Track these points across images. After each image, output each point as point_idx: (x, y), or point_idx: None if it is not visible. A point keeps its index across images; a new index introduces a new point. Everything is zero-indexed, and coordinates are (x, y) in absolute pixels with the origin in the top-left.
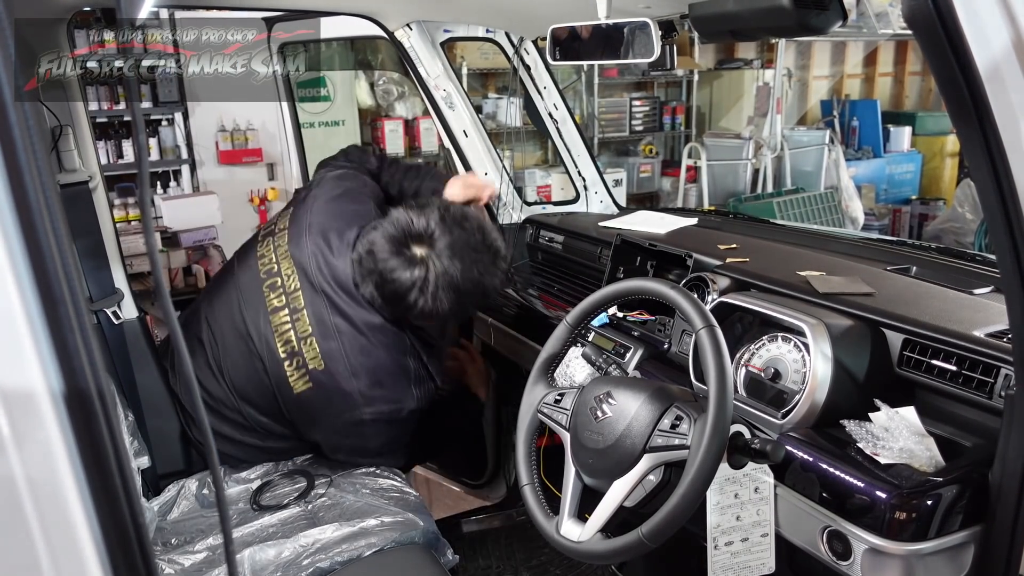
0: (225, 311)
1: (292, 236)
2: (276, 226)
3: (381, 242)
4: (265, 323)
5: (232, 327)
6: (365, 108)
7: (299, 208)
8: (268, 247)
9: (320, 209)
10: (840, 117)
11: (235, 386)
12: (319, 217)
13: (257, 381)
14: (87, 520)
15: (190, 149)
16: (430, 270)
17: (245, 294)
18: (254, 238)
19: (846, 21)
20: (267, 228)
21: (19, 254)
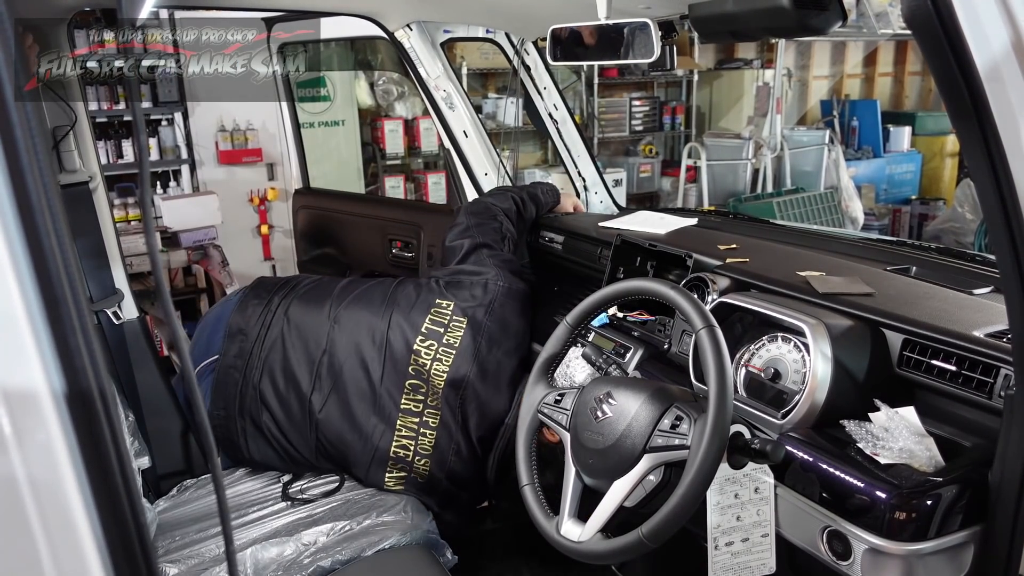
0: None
1: (455, 371)
2: (447, 333)
3: None
4: (394, 411)
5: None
6: (365, 108)
7: (470, 330)
8: (431, 346)
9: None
10: (840, 117)
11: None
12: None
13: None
14: (88, 520)
15: (190, 149)
16: None
17: (393, 356)
18: (415, 321)
19: (846, 21)
20: (436, 321)
21: (21, 254)
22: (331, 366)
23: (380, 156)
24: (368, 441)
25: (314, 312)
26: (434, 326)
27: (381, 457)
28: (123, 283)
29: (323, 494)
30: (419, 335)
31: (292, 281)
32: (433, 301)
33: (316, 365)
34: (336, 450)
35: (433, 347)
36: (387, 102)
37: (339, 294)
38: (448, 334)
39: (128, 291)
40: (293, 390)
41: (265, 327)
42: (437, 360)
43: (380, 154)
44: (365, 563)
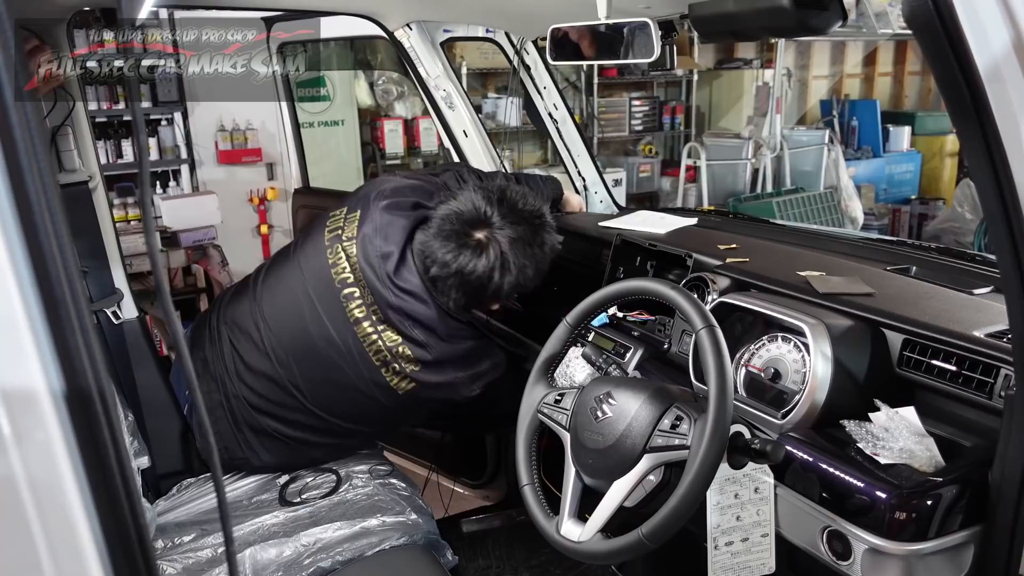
0: (294, 316)
1: (359, 247)
2: (343, 232)
3: (437, 245)
4: (351, 335)
5: (304, 334)
6: (364, 108)
7: (364, 212)
8: (339, 254)
9: (376, 217)
10: (840, 117)
11: (307, 391)
12: (371, 227)
13: (342, 386)
14: (88, 520)
15: (189, 149)
16: (502, 247)
17: (322, 303)
18: (318, 241)
19: (846, 21)
20: (332, 231)
21: (20, 254)
22: (279, 339)
23: (380, 156)
24: (353, 367)
25: (243, 303)
26: (332, 233)
27: (369, 368)
28: (123, 283)
29: (321, 495)
30: (326, 249)
31: (219, 297)
32: (326, 217)
33: (266, 349)
34: (341, 406)
35: (338, 249)
36: (387, 102)
37: (256, 274)
38: (346, 231)
39: (128, 291)
40: (268, 382)
41: (212, 343)
42: (346, 256)
43: (380, 154)
44: (365, 563)
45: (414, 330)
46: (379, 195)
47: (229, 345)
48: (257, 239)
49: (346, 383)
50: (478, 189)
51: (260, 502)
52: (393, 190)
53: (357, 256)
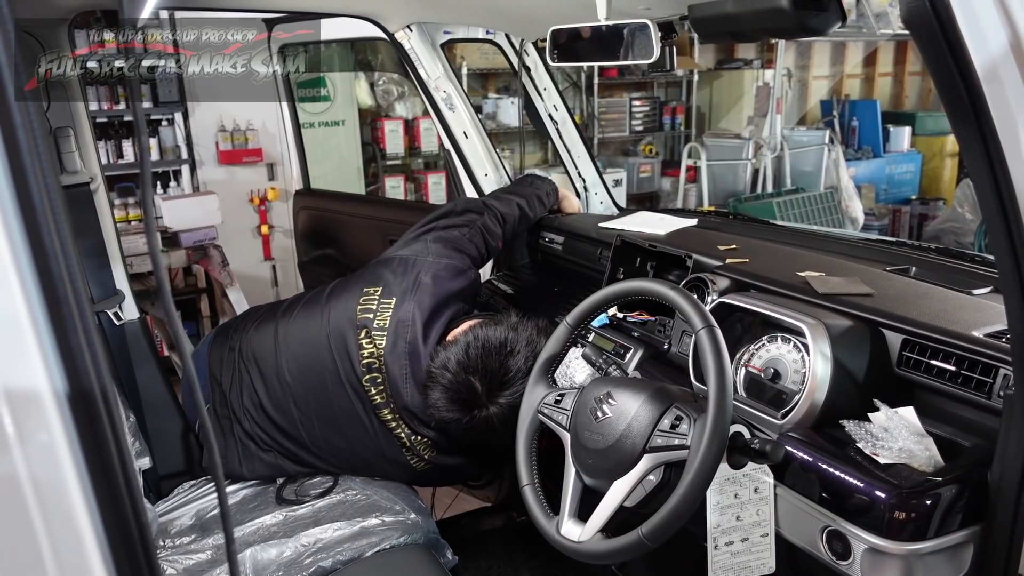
0: (317, 381)
1: (388, 341)
2: (375, 318)
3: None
4: (375, 417)
5: (328, 403)
6: (365, 108)
7: (399, 304)
8: (368, 337)
9: (414, 316)
10: (840, 117)
11: (326, 453)
12: (403, 321)
13: (364, 458)
14: (90, 520)
15: (190, 149)
16: (493, 416)
17: (348, 380)
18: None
19: (845, 22)
20: (364, 311)
21: (23, 255)
22: (303, 399)
23: (380, 156)
24: (376, 444)
25: (267, 342)
26: (363, 314)
27: (391, 447)
28: (124, 284)
29: (317, 495)
30: (357, 329)
31: (246, 317)
32: (359, 289)
33: (283, 396)
34: (361, 470)
35: (366, 333)
36: (387, 102)
37: (283, 314)
38: (378, 317)
39: (129, 292)
40: (285, 437)
41: (234, 372)
42: (374, 345)
43: (380, 154)
44: (365, 563)
45: (424, 430)
46: (416, 287)
47: (250, 385)
48: (257, 239)
49: (368, 456)
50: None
51: (260, 503)
52: (434, 279)
53: (385, 349)
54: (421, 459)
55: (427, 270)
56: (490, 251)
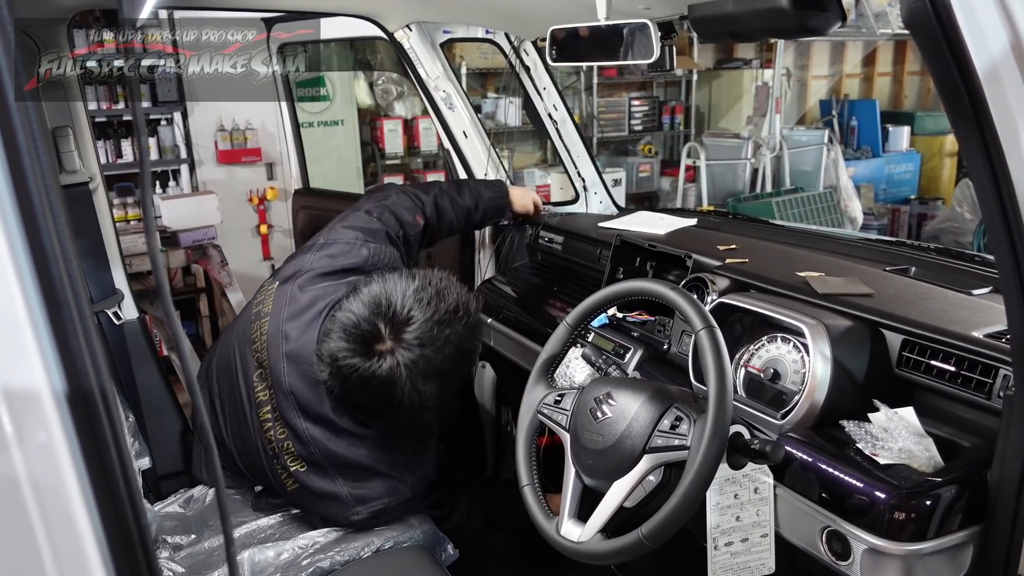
0: (228, 386)
1: (270, 324)
2: (263, 306)
3: (337, 343)
4: (256, 417)
5: (234, 410)
6: (364, 108)
7: (281, 285)
8: (258, 330)
9: (294, 295)
10: (839, 117)
11: (242, 463)
12: (290, 306)
13: (257, 464)
14: (90, 520)
15: (189, 149)
16: (400, 364)
17: (244, 379)
18: (248, 312)
19: (845, 22)
20: (257, 303)
21: (23, 256)
22: (222, 403)
23: (379, 156)
24: (256, 450)
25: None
26: (256, 308)
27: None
28: (123, 283)
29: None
30: (251, 323)
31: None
32: (263, 282)
33: (217, 410)
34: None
35: (257, 326)
36: (386, 102)
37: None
38: (264, 305)
39: (128, 291)
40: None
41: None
42: (260, 332)
43: (379, 154)
44: (364, 563)
45: (301, 421)
46: (297, 274)
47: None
48: (257, 239)
49: (259, 469)
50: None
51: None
52: (320, 258)
53: (266, 336)
54: (289, 475)
55: (316, 251)
56: (405, 224)
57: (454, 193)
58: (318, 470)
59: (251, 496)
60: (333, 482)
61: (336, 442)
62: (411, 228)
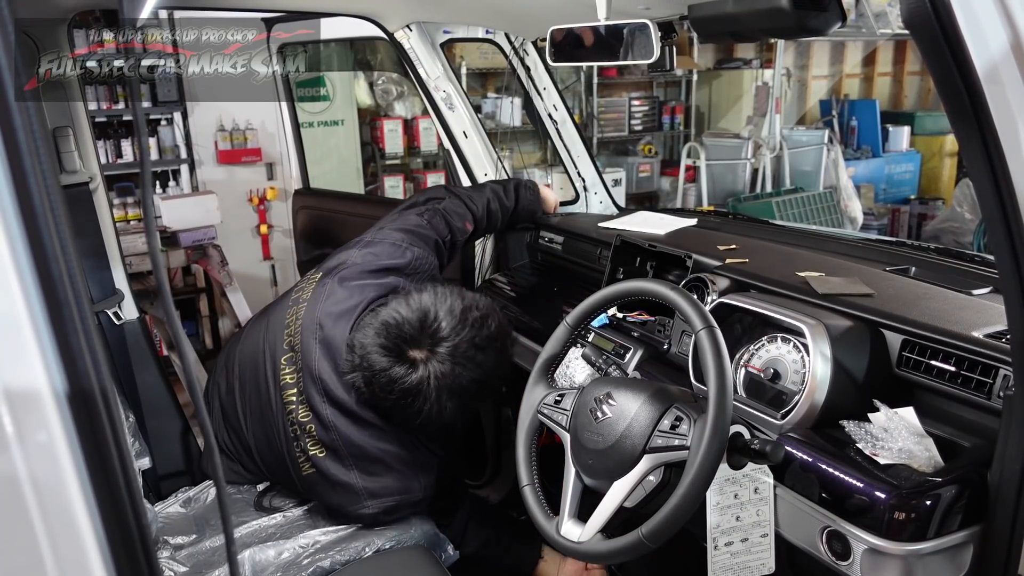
0: (251, 373)
1: (307, 309)
2: (303, 293)
3: (372, 339)
4: (279, 399)
5: (256, 392)
6: (364, 108)
7: (324, 276)
8: (294, 315)
9: (335, 285)
10: (839, 117)
11: (258, 451)
12: (330, 295)
13: (275, 447)
14: (90, 520)
15: (189, 149)
16: (431, 375)
17: (270, 362)
18: (285, 300)
19: (845, 22)
20: (297, 290)
21: (23, 256)
22: (241, 387)
23: (380, 156)
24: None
25: (233, 344)
26: (296, 294)
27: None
28: (123, 283)
29: (294, 504)
30: (287, 309)
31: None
32: (307, 275)
33: (236, 394)
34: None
35: (294, 311)
36: (386, 102)
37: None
38: (304, 291)
39: (128, 291)
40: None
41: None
42: (296, 317)
43: (379, 154)
44: (365, 563)
45: (326, 407)
46: (340, 267)
47: (219, 390)
48: (257, 239)
49: (276, 452)
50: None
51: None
52: (363, 256)
53: (302, 321)
54: (307, 458)
55: (361, 247)
56: (454, 231)
57: (502, 195)
58: (336, 457)
59: (253, 495)
60: (348, 471)
61: (357, 432)
62: (460, 235)
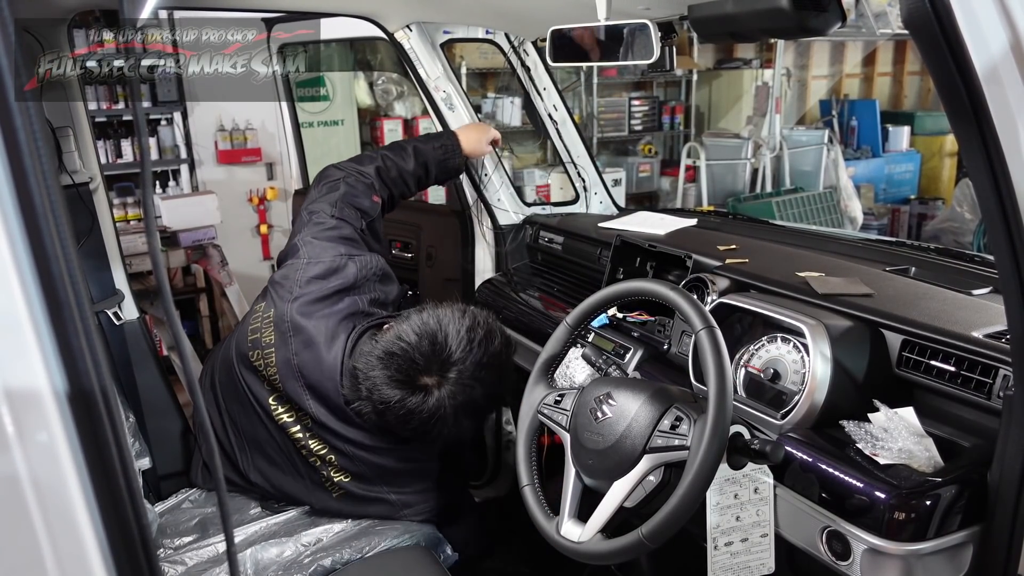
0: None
1: (279, 360)
2: (261, 335)
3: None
4: (285, 436)
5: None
6: (364, 108)
7: (276, 318)
8: (261, 360)
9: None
10: (839, 117)
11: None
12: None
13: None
14: (91, 520)
15: (189, 149)
16: (444, 398)
17: (257, 403)
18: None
19: (845, 22)
20: (253, 331)
21: (23, 256)
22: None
23: None
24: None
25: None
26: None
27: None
28: (123, 284)
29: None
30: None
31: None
32: (253, 306)
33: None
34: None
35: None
36: (386, 102)
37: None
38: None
39: (128, 291)
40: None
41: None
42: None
43: None
44: (366, 563)
45: (338, 441)
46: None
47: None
48: (257, 239)
49: (294, 482)
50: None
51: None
52: (307, 282)
53: (277, 370)
54: (333, 483)
55: (303, 270)
56: (366, 211)
57: (397, 159)
58: (362, 480)
59: (254, 495)
60: (379, 489)
61: (375, 456)
62: (372, 211)
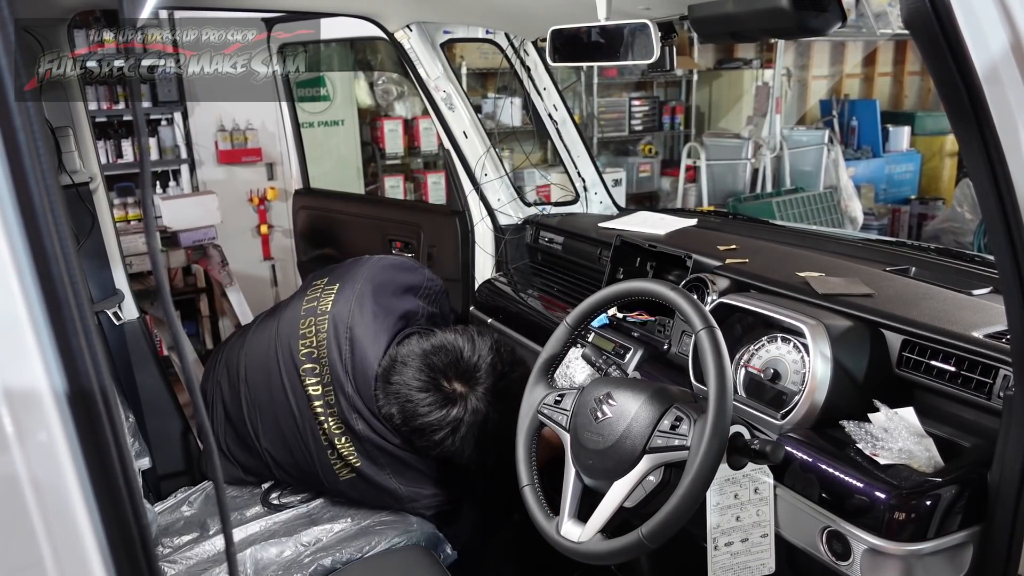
0: (263, 379)
1: (330, 325)
2: (319, 304)
3: (414, 368)
4: (307, 411)
5: (271, 400)
6: (364, 108)
7: (343, 288)
8: (311, 326)
9: (360, 302)
10: (839, 117)
11: (273, 457)
12: (357, 312)
13: (300, 460)
14: (90, 520)
15: (189, 149)
16: (467, 412)
17: (287, 374)
18: (297, 307)
19: (845, 22)
20: (310, 301)
21: (23, 256)
22: (251, 392)
23: (380, 156)
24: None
25: (235, 347)
26: (309, 304)
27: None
28: (123, 284)
29: (302, 500)
30: (300, 319)
31: (237, 332)
32: (310, 282)
33: (243, 399)
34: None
35: (310, 323)
36: (387, 102)
37: (253, 320)
38: (321, 303)
39: (128, 291)
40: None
41: (211, 383)
42: (316, 331)
43: (380, 154)
44: (365, 563)
45: (358, 423)
46: (357, 278)
47: (220, 393)
48: (257, 239)
49: (303, 459)
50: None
51: (259, 502)
52: (381, 268)
53: (327, 334)
54: (345, 464)
55: (375, 262)
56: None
57: None
58: (373, 465)
59: (255, 494)
60: (388, 478)
61: (391, 446)
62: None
